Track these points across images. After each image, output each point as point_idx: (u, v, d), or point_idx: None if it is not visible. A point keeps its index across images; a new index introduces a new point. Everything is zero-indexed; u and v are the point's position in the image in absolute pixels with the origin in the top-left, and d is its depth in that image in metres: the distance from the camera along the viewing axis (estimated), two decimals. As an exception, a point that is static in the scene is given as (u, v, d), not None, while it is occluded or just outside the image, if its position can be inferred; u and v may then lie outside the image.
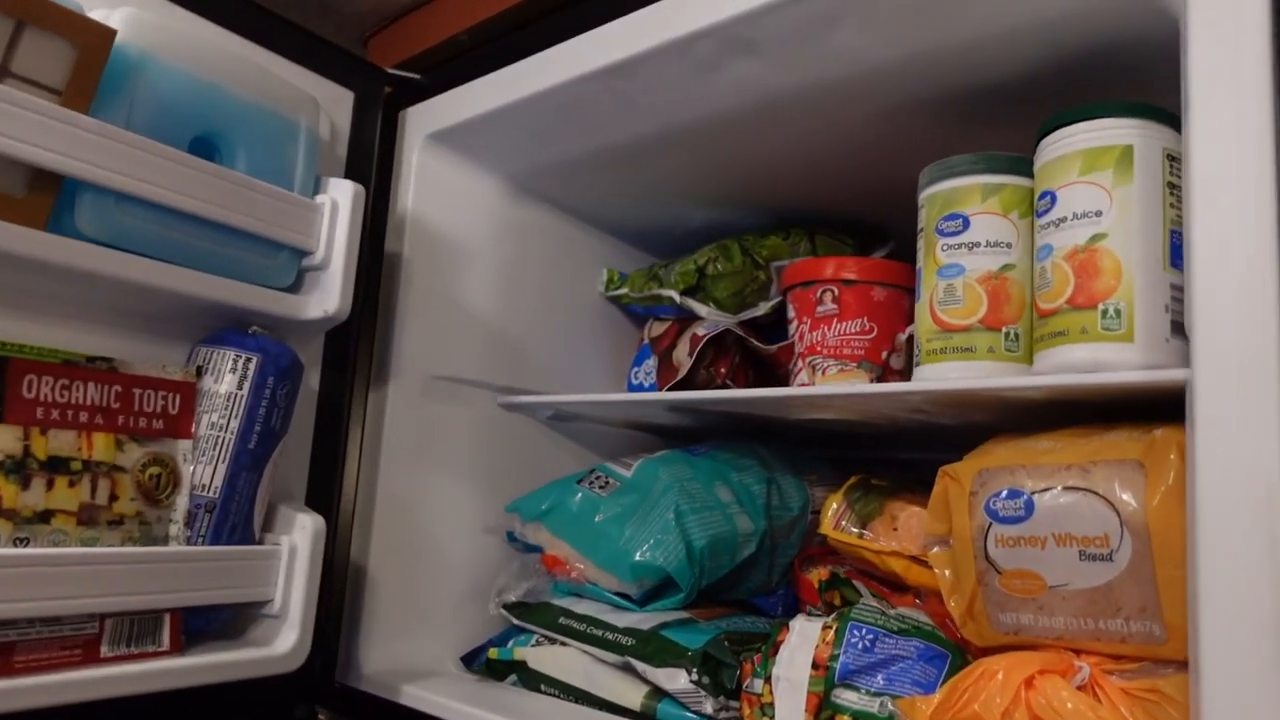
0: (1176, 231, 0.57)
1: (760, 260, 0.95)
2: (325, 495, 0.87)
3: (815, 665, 0.66)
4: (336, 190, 0.81)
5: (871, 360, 0.85)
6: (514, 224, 1.00)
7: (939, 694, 0.59)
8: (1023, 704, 0.55)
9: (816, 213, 0.99)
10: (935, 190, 0.68)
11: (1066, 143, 0.60)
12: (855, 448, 1.09)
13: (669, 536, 0.82)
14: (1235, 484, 0.45)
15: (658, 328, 1.02)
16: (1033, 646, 0.61)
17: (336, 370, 0.89)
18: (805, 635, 0.67)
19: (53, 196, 0.63)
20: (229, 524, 0.73)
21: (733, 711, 0.72)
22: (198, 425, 0.73)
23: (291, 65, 0.86)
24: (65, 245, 0.63)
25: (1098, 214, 0.58)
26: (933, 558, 0.67)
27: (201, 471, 0.72)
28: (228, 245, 0.73)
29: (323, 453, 0.88)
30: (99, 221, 0.65)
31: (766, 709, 0.68)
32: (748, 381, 0.92)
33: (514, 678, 0.85)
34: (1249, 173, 0.46)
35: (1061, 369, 0.58)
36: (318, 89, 0.86)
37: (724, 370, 0.91)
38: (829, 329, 0.86)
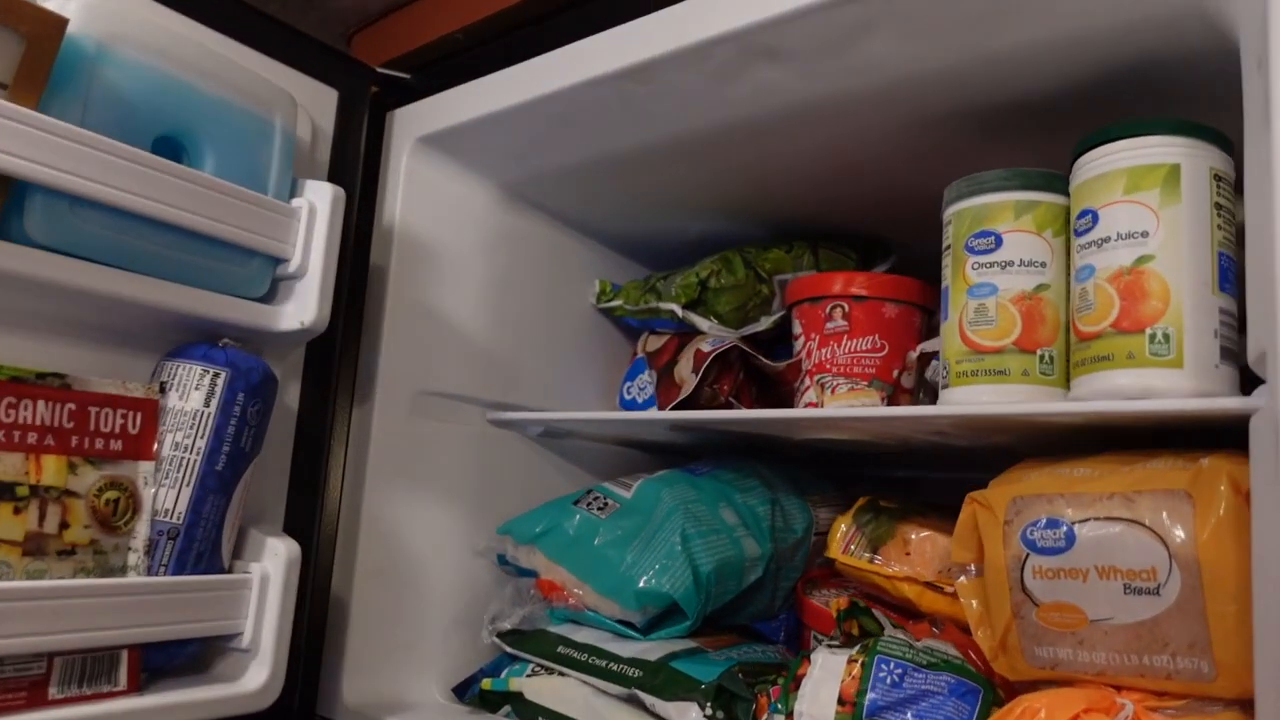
0: (1225, 254, 0.56)
1: (763, 273, 0.92)
2: (305, 519, 0.82)
3: (842, 701, 0.63)
4: (314, 193, 0.76)
5: (883, 379, 0.82)
6: (506, 233, 0.95)
7: (978, 733, 0.56)
8: (1068, 744, 0.53)
9: (818, 225, 0.97)
10: (964, 206, 0.66)
11: (1109, 160, 0.58)
12: (852, 465, 1.07)
13: (675, 562, 0.78)
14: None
15: (654, 342, 0.98)
16: (1069, 682, 0.59)
17: (318, 385, 0.84)
18: (829, 669, 0.64)
19: (0, 199, 0.57)
20: (194, 552, 0.68)
21: (748, 748, 0.69)
22: (161, 446, 0.68)
23: (269, 61, 0.81)
24: (14, 252, 0.58)
25: (1144, 235, 0.56)
26: (960, 587, 0.65)
27: (164, 496, 0.67)
28: (194, 252, 0.68)
29: (303, 473, 0.83)
30: (51, 226, 0.60)
31: (788, 746, 0.65)
32: (751, 399, 0.89)
33: (508, 709, 0.81)
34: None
35: (1106, 395, 0.56)
36: (298, 87, 0.81)
37: (727, 388, 0.88)
38: (839, 346, 0.83)
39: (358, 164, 0.87)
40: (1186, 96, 0.62)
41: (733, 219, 0.98)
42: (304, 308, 0.74)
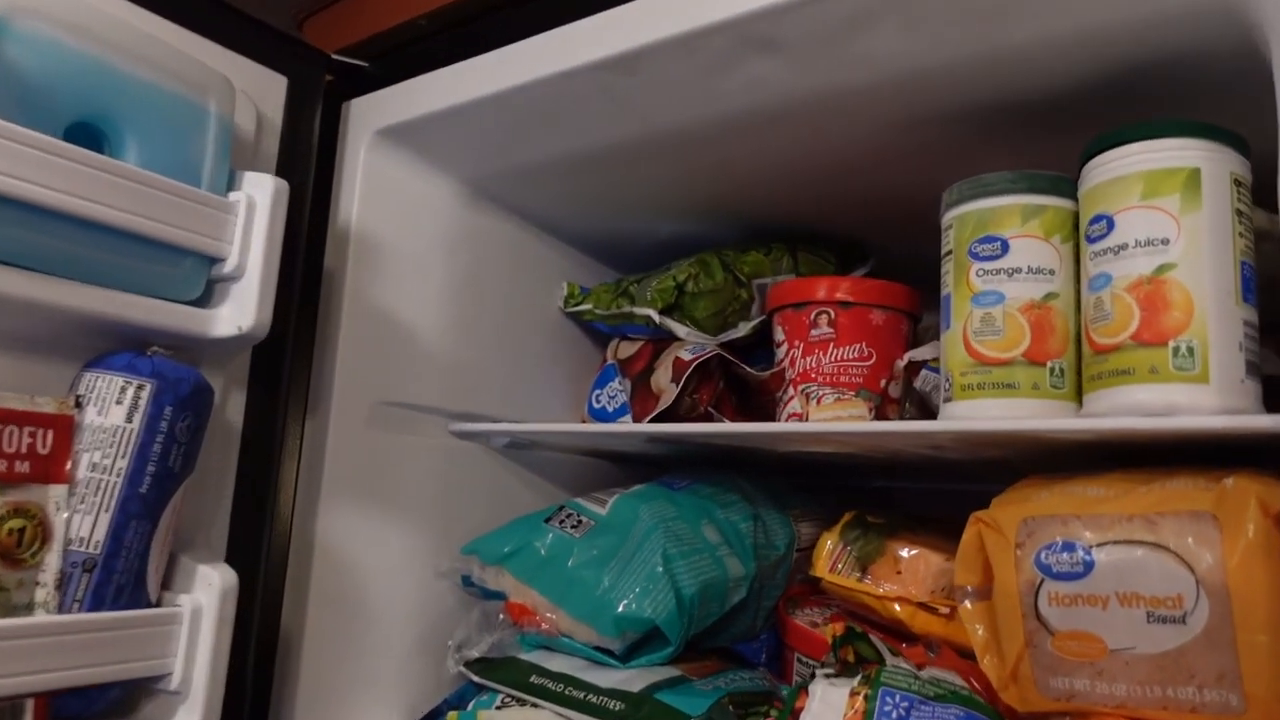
0: (1247, 263, 0.53)
1: (742, 277, 0.88)
2: (250, 543, 0.75)
3: (843, 737, 0.59)
4: (254, 186, 0.69)
5: (870, 389, 0.79)
6: (470, 232, 0.90)
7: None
8: (1092, 783, 0.50)
9: (797, 226, 0.93)
10: (967, 210, 0.63)
11: (1124, 163, 0.55)
12: (833, 476, 1.03)
13: (656, 584, 0.73)
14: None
15: (627, 348, 0.94)
16: (1085, 714, 0.55)
17: (266, 396, 0.77)
18: (829, 702, 0.60)
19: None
20: (114, 585, 0.61)
21: (739, 785, 0.65)
22: (75, 467, 0.61)
23: (209, 44, 0.74)
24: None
25: (1164, 242, 0.53)
26: (964, 612, 0.61)
27: (79, 523, 0.60)
28: (116, 251, 0.61)
29: (248, 493, 0.76)
30: (-58, 223, 0.53)
31: (784, 785, 0.61)
32: (732, 408, 0.85)
33: (476, 744, 0.76)
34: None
35: (1127, 411, 0.53)
36: (242, 73, 0.74)
37: (707, 397, 0.83)
38: (824, 354, 0.80)
39: (309, 157, 0.80)
40: (1198, 97, 0.59)
41: (706, 219, 0.94)
42: (242, 311, 0.68)
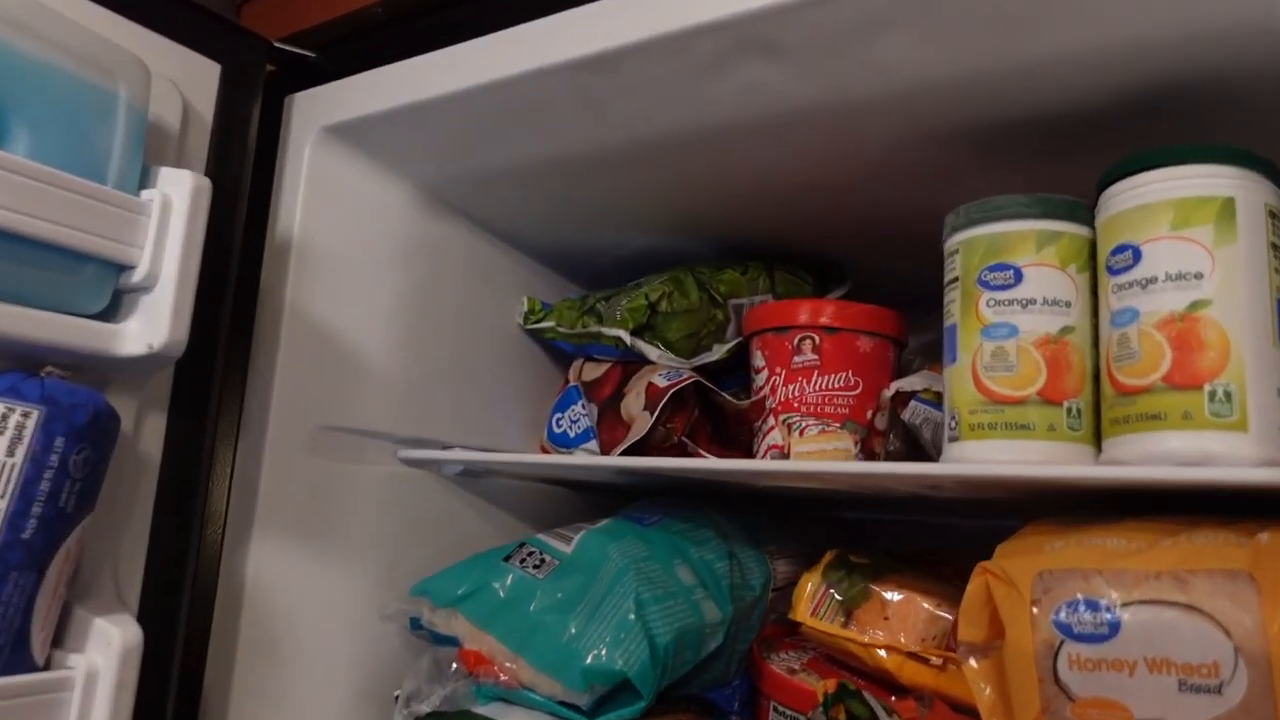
0: (1283, 301, 0.49)
1: (718, 298, 0.82)
2: (169, 587, 0.66)
3: (841, 812, 0.54)
4: (171, 184, 0.61)
5: (856, 420, 0.74)
6: (423, 241, 0.82)
7: None
8: None
9: (773, 244, 0.88)
10: (975, 234, 0.58)
11: (1152, 189, 0.51)
12: (809, 508, 0.98)
13: (628, 633, 0.67)
14: None
15: (592, 370, 0.87)
16: (1104, 786, 0.51)
17: (189, 422, 0.69)
18: (824, 772, 0.55)
19: None
20: None
21: None
22: None
23: (127, 24, 0.65)
24: None
25: (1197, 276, 0.49)
26: (969, 671, 0.56)
27: None
28: (1, 256, 0.53)
29: (167, 530, 0.67)
30: None
31: None
32: (707, 437, 0.80)
33: (425, 810, 0.68)
34: None
35: (1159, 460, 0.49)
36: (166, 57, 0.67)
37: (681, 426, 0.78)
38: (808, 383, 0.74)
39: (245, 155, 0.73)
40: (1227, 120, 0.56)
41: (680, 234, 0.88)
42: (154, 327, 0.59)
